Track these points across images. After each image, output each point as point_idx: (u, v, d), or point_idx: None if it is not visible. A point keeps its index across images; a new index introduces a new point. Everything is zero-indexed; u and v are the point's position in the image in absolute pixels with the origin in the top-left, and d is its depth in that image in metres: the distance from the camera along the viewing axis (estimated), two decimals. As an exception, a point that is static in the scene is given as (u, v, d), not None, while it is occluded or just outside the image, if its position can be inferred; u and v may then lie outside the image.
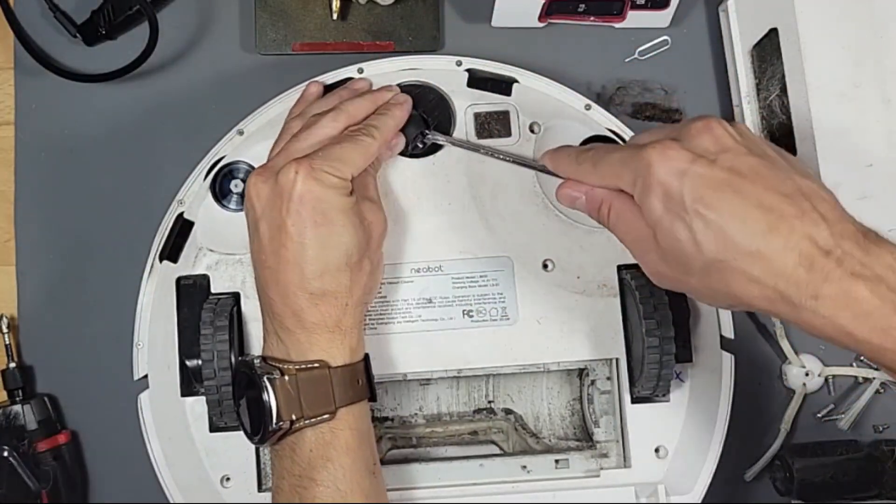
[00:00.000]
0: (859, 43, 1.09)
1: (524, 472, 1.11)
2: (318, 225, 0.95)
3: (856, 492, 1.19)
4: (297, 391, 0.94)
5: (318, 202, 0.95)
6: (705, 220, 0.83)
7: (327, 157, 0.97)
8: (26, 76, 1.22)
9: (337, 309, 0.97)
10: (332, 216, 0.96)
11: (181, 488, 1.10)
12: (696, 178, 0.84)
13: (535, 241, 1.12)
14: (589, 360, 1.13)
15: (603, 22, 1.23)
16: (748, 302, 0.85)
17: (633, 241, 0.93)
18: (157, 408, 1.10)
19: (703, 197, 0.84)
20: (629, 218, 0.92)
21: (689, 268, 0.87)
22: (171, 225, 1.12)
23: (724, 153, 0.86)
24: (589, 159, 0.96)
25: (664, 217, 0.86)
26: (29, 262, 1.21)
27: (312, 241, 0.95)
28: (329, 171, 0.96)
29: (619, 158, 0.91)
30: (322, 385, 0.96)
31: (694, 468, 1.12)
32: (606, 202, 0.95)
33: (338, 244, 0.96)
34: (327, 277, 0.96)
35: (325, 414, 0.95)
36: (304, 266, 0.95)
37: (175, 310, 1.11)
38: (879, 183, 1.09)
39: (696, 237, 0.84)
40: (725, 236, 0.83)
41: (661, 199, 0.86)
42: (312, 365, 0.96)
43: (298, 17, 1.22)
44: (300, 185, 0.94)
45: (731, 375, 1.13)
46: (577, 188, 0.97)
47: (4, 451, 1.12)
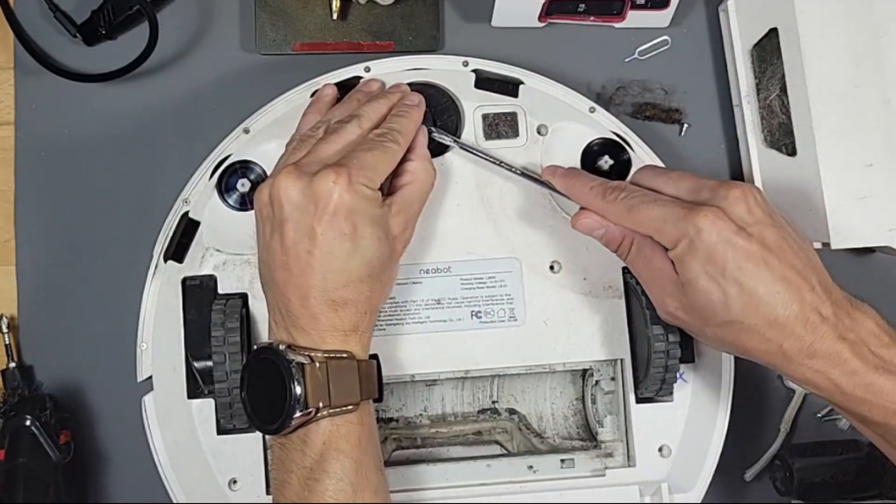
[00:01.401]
0: (859, 43, 1.10)
1: (531, 472, 1.12)
2: (348, 237, 0.95)
3: (856, 492, 1.19)
4: (325, 379, 0.93)
5: (350, 214, 0.95)
6: (741, 287, 0.94)
7: (363, 167, 0.97)
8: (26, 76, 1.21)
9: (356, 316, 0.97)
10: (362, 229, 0.96)
11: (187, 492, 1.09)
12: (739, 249, 0.94)
13: (543, 242, 1.13)
14: (595, 361, 1.13)
15: (603, 22, 1.23)
16: (751, 354, 0.98)
17: (652, 280, 1.02)
18: (162, 410, 1.10)
19: (742, 267, 0.94)
20: (653, 260, 1.00)
21: (709, 321, 0.97)
22: (175, 225, 1.11)
23: (756, 224, 0.95)
24: (622, 202, 1.01)
25: (701, 277, 0.95)
26: (29, 262, 1.20)
27: (340, 251, 0.95)
28: (364, 183, 0.96)
29: (662, 214, 0.97)
30: (350, 375, 0.95)
31: (695, 467, 1.13)
32: (629, 239, 1.03)
33: (363, 256, 0.96)
34: (350, 288, 0.96)
35: (350, 405, 0.95)
36: (329, 275, 0.95)
37: (181, 311, 1.10)
38: (879, 183, 1.09)
39: (727, 300, 0.94)
40: (754, 303, 0.94)
41: (703, 262, 0.95)
42: (341, 355, 0.96)
43: (298, 17, 1.21)
44: (337, 195, 0.94)
45: (731, 375, 1.14)
46: (599, 221, 1.04)
47: (27, 421, 1.11)
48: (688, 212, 0.95)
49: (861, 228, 1.10)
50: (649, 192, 1.02)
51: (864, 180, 1.09)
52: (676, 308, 0.99)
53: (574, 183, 1.06)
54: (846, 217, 1.09)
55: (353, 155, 0.98)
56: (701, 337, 1.03)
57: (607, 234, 1.04)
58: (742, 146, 1.22)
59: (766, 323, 0.94)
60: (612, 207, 1.02)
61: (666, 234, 0.97)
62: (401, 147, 1.02)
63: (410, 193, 1.03)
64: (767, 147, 1.18)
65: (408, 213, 1.03)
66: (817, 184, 1.09)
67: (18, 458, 1.09)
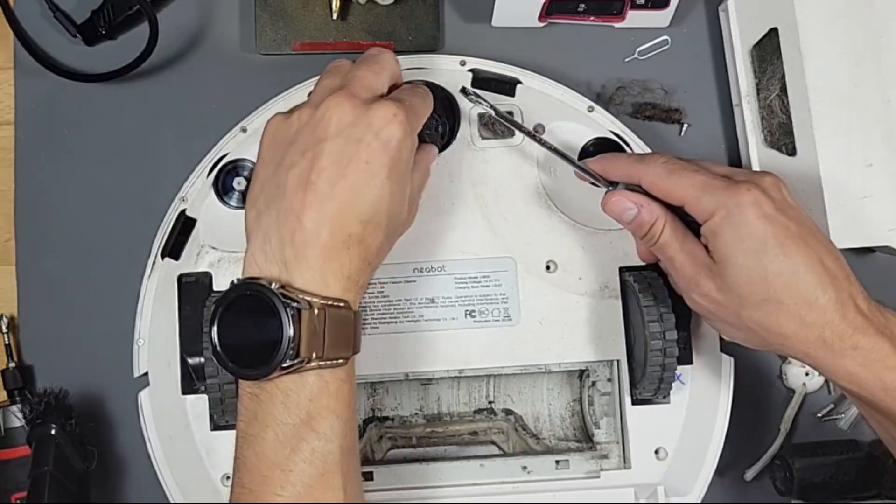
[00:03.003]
0: (859, 43, 1.09)
1: (525, 473, 1.11)
2: (388, 173, 0.92)
3: (856, 492, 1.19)
4: (322, 328, 0.88)
5: (399, 152, 0.93)
6: (781, 264, 0.93)
7: (414, 110, 0.97)
8: (26, 76, 1.22)
9: (361, 262, 0.92)
10: (400, 172, 0.94)
11: (181, 487, 1.10)
12: (780, 226, 0.93)
13: (538, 241, 1.13)
14: (590, 362, 1.13)
15: (603, 22, 1.23)
16: (790, 343, 0.95)
17: (684, 264, 0.99)
18: (157, 405, 1.11)
19: (783, 244, 0.93)
20: (686, 242, 0.99)
21: (746, 300, 0.95)
22: (173, 222, 1.12)
23: (793, 209, 0.96)
24: (662, 165, 1.00)
25: (739, 252, 0.94)
26: (29, 262, 1.21)
27: (376, 184, 0.92)
28: (415, 127, 0.96)
29: (703, 183, 0.96)
30: (346, 327, 0.90)
31: (693, 470, 1.12)
32: (662, 220, 1.00)
33: (392, 199, 0.93)
34: (370, 226, 0.92)
35: (342, 358, 0.90)
36: (356, 205, 0.91)
37: (176, 307, 1.11)
38: (879, 183, 1.09)
39: (767, 276, 0.93)
40: (794, 282, 0.93)
41: (742, 237, 0.93)
42: (339, 303, 0.90)
43: (298, 17, 1.21)
44: (394, 129, 0.92)
45: (730, 379, 1.13)
46: (631, 199, 1.01)
47: (52, 430, 1.10)
48: (729, 184, 0.95)
49: (861, 228, 1.10)
50: (690, 162, 1.01)
51: (864, 180, 1.09)
52: (711, 289, 0.97)
53: (611, 157, 1.06)
54: (846, 217, 1.09)
55: (402, 95, 0.98)
56: (735, 327, 1.00)
57: (640, 215, 1.01)
58: (742, 146, 1.21)
59: (805, 303, 0.92)
60: (651, 169, 1.00)
61: (703, 204, 0.96)
62: (428, 109, 1.03)
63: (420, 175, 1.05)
64: (767, 147, 1.17)
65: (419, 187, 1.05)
66: (817, 184, 1.09)
67: (44, 466, 1.09)
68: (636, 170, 1.01)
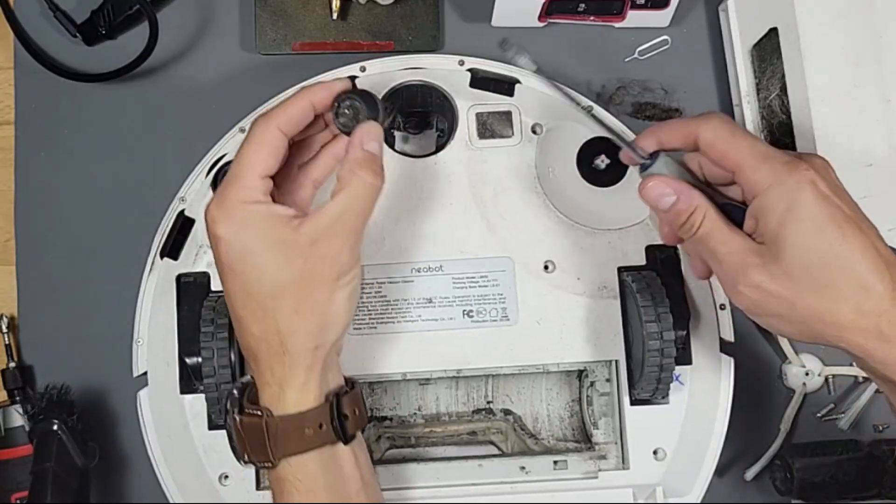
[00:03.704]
0: (859, 43, 1.09)
1: (523, 473, 1.11)
2: (232, 267, 0.91)
3: (856, 492, 1.18)
4: (241, 435, 0.92)
5: (224, 247, 0.91)
6: (840, 248, 0.87)
7: (231, 178, 0.92)
8: (26, 76, 1.22)
9: (277, 363, 0.91)
10: (239, 253, 0.91)
11: (179, 486, 1.10)
12: (837, 208, 0.87)
13: (536, 241, 1.12)
14: (588, 362, 1.13)
15: (603, 22, 1.23)
16: (846, 335, 0.88)
17: (730, 254, 0.92)
18: (156, 405, 1.11)
19: (842, 227, 0.87)
20: (729, 232, 0.92)
21: (804, 288, 0.88)
22: (172, 222, 1.12)
23: (844, 192, 0.90)
24: (724, 122, 0.93)
25: (797, 232, 0.87)
26: (29, 262, 1.21)
27: (234, 286, 0.91)
28: (237, 196, 0.90)
29: (765, 152, 0.90)
30: (257, 434, 0.91)
31: (692, 470, 1.12)
32: (703, 209, 0.93)
33: (256, 282, 0.90)
34: (256, 324, 0.91)
35: (266, 463, 0.91)
36: (235, 314, 0.93)
37: (175, 307, 1.11)
38: (879, 183, 1.08)
39: (826, 260, 0.87)
40: (851, 266, 0.87)
41: (802, 217, 0.87)
42: (254, 412, 0.91)
43: (298, 16, 1.22)
44: (210, 225, 0.91)
45: (730, 379, 1.13)
46: (671, 185, 0.94)
47: (54, 425, 1.10)
48: (790, 160, 0.89)
49: (861, 228, 1.09)
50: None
51: (864, 180, 1.08)
52: (762, 279, 0.89)
53: (662, 125, 0.98)
54: (846, 217, 1.09)
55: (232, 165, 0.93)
56: (786, 320, 0.91)
57: (678, 203, 0.93)
58: (742, 146, 1.21)
59: (863, 290, 0.86)
60: (711, 126, 0.93)
61: (760, 174, 0.89)
62: (269, 125, 0.93)
63: (333, 210, 0.91)
64: (767, 147, 1.17)
65: (338, 237, 0.91)
66: (817, 184, 1.08)
67: (46, 462, 1.09)
68: (694, 126, 0.94)
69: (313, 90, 0.95)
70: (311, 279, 0.90)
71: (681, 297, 1.10)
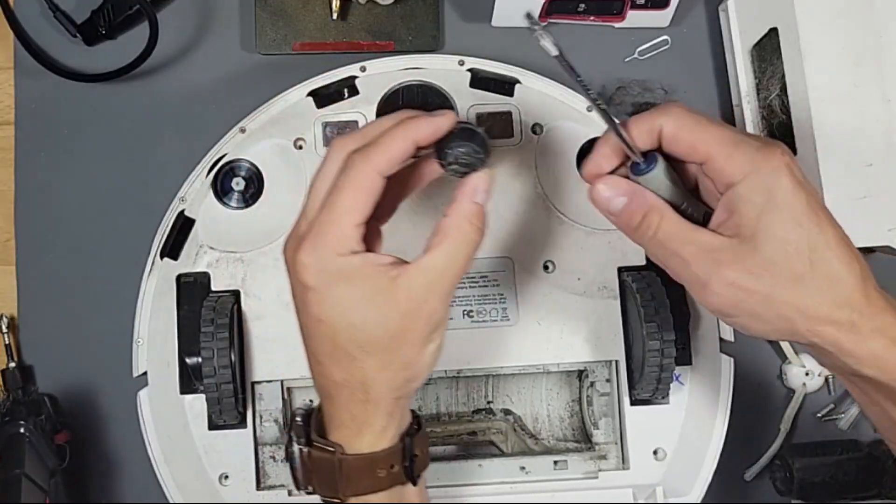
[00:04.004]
0: (859, 43, 1.09)
1: (523, 473, 1.11)
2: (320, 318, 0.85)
3: (856, 492, 1.19)
4: (309, 469, 0.89)
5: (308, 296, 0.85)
6: (817, 237, 0.82)
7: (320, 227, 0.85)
8: (26, 76, 1.22)
9: (357, 406, 0.87)
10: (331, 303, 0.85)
11: (179, 486, 1.10)
12: (811, 194, 0.83)
13: (536, 242, 1.13)
14: (589, 362, 1.13)
15: (603, 22, 1.23)
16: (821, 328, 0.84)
17: (696, 256, 0.85)
18: (156, 405, 1.11)
19: (818, 215, 0.82)
20: (691, 231, 0.85)
21: (782, 280, 0.83)
22: (172, 222, 1.13)
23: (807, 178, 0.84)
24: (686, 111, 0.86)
25: (776, 223, 0.82)
26: (29, 262, 1.21)
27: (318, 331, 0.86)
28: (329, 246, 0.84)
29: (735, 138, 0.83)
30: (329, 470, 0.88)
31: (692, 470, 1.13)
32: (658, 209, 0.86)
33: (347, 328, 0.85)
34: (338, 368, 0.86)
35: (335, 499, 0.89)
36: (314, 356, 0.88)
37: (175, 307, 1.12)
38: (879, 183, 1.08)
39: (804, 250, 0.82)
40: (826, 257, 0.82)
41: (781, 206, 0.82)
42: (326, 447, 0.88)
43: (298, 16, 1.22)
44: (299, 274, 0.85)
45: (730, 379, 1.13)
46: (619, 187, 0.87)
47: (20, 428, 1.09)
48: (763, 144, 0.82)
49: (861, 228, 1.08)
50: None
51: (864, 180, 1.08)
52: (738, 276, 0.83)
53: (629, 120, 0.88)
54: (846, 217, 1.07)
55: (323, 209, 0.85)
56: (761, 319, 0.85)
57: (632, 202, 0.86)
58: (742, 146, 1.21)
59: (837, 281, 0.82)
60: (673, 116, 0.85)
61: (734, 163, 0.82)
62: (371, 167, 0.85)
63: (434, 265, 0.86)
64: (767, 147, 1.17)
65: (436, 289, 0.86)
66: (817, 184, 1.08)
67: (14, 468, 1.07)
68: (655, 117, 0.86)
69: (418, 127, 0.87)
70: (404, 336, 0.85)
71: (681, 297, 1.11)
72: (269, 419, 1.12)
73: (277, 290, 1.11)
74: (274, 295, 1.11)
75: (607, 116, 0.88)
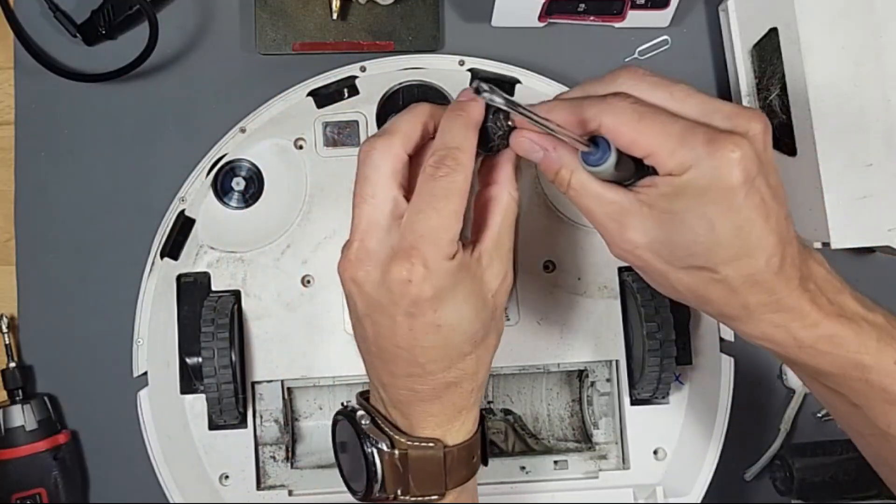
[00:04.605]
0: (859, 43, 1.09)
1: (523, 473, 1.12)
2: (439, 325, 0.84)
3: (856, 492, 1.19)
4: (405, 468, 0.87)
5: (436, 300, 0.83)
6: (738, 237, 0.79)
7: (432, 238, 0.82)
8: (26, 76, 1.22)
9: (461, 398, 0.88)
10: (452, 310, 0.84)
11: (180, 486, 1.11)
12: (754, 195, 0.78)
13: (537, 241, 1.13)
14: (589, 362, 1.14)
15: (603, 22, 1.23)
16: (711, 307, 0.85)
17: (607, 214, 0.84)
18: (156, 405, 1.11)
19: (750, 218, 0.79)
20: (601, 189, 0.83)
21: (678, 263, 0.82)
22: (172, 222, 1.13)
23: (769, 164, 0.81)
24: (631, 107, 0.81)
25: (694, 215, 0.79)
26: (29, 262, 1.21)
27: (434, 341, 0.84)
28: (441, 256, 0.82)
29: (681, 132, 0.78)
30: (433, 466, 0.88)
31: (692, 470, 1.13)
32: (570, 166, 0.84)
33: (462, 335, 0.85)
34: (452, 371, 0.86)
35: (434, 495, 0.89)
36: (427, 365, 0.85)
37: (175, 307, 1.12)
38: (879, 183, 1.08)
39: (715, 248, 0.80)
40: (741, 256, 0.80)
41: (710, 200, 0.78)
42: (428, 444, 0.88)
43: (298, 16, 1.21)
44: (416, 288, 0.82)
45: (730, 379, 1.13)
46: (538, 140, 0.85)
47: None
48: (712, 138, 0.77)
49: (861, 228, 1.09)
50: (666, 88, 0.83)
51: (864, 180, 1.08)
52: (642, 242, 0.82)
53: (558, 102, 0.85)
54: (846, 217, 1.08)
55: (413, 221, 0.82)
56: (656, 279, 0.86)
57: (546, 157, 0.84)
58: (742, 146, 1.21)
59: (742, 278, 0.80)
60: (613, 112, 0.80)
61: (676, 158, 0.78)
62: (465, 169, 0.83)
63: (498, 231, 0.87)
64: (767, 147, 1.17)
65: (501, 256, 0.88)
66: (817, 184, 1.08)
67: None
68: (595, 111, 0.81)
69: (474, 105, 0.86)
70: (494, 312, 0.88)
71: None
72: (270, 419, 1.12)
73: (277, 290, 1.11)
74: (274, 295, 1.11)
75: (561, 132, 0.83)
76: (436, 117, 0.87)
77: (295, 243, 1.12)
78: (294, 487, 1.11)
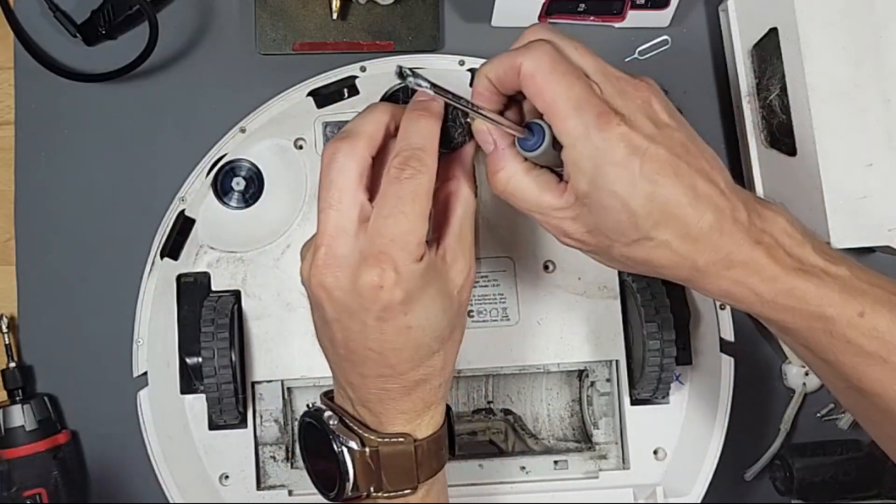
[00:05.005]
0: (859, 43, 1.09)
1: (523, 473, 1.12)
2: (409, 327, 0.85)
3: (856, 492, 1.19)
4: (377, 465, 0.88)
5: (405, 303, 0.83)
6: (652, 202, 0.81)
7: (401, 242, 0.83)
8: (26, 76, 1.22)
9: (429, 393, 0.89)
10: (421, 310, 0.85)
11: (180, 486, 1.11)
12: (649, 159, 0.80)
13: (537, 241, 1.13)
14: (589, 362, 1.13)
15: (603, 22, 1.23)
16: (665, 272, 0.86)
17: (543, 215, 0.87)
18: (156, 405, 1.11)
19: (655, 181, 0.80)
20: (534, 194, 0.86)
21: (616, 241, 0.84)
22: (172, 222, 1.13)
23: (666, 128, 0.83)
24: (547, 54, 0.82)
25: (604, 195, 0.81)
26: (29, 262, 1.21)
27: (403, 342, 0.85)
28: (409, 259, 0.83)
29: (578, 99, 0.81)
30: (405, 460, 0.88)
31: (692, 470, 1.13)
32: (508, 171, 0.87)
33: (430, 333, 0.86)
34: (421, 368, 0.87)
35: (407, 489, 0.89)
36: (396, 366, 0.86)
37: (175, 307, 1.12)
38: (879, 183, 1.08)
39: (636, 219, 0.81)
40: (665, 218, 0.81)
41: (607, 176, 0.80)
42: (398, 439, 0.88)
43: (298, 16, 1.21)
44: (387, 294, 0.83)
45: (730, 379, 1.13)
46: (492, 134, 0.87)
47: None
48: (604, 110, 0.80)
49: (861, 228, 1.09)
50: (589, 57, 0.85)
51: (864, 180, 1.08)
52: (580, 231, 0.86)
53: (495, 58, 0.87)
54: (846, 217, 1.08)
55: (380, 226, 0.83)
56: (609, 260, 0.89)
57: (491, 155, 0.87)
58: (742, 146, 1.22)
59: (678, 237, 0.82)
60: (533, 57, 0.82)
61: (568, 125, 0.81)
62: (429, 170, 0.84)
63: (460, 226, 0.89)
64: (767, 147, 1.17)
65: (465, 251, 0.89)
66: (817, 184, 1.08)
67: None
68: (517, 56, 0.83)
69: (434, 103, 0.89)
70: (460, 307, 0.90)
71: (681, 296, 1.11)
72: (270, 419, 1.12)
73: (277, 290, 1.11)
74: (274, 295, 1.11)
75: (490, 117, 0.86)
76: (396, 117, 0.88)
77: (295, 243, 1.12)
78: (294, 487, 1.11)
